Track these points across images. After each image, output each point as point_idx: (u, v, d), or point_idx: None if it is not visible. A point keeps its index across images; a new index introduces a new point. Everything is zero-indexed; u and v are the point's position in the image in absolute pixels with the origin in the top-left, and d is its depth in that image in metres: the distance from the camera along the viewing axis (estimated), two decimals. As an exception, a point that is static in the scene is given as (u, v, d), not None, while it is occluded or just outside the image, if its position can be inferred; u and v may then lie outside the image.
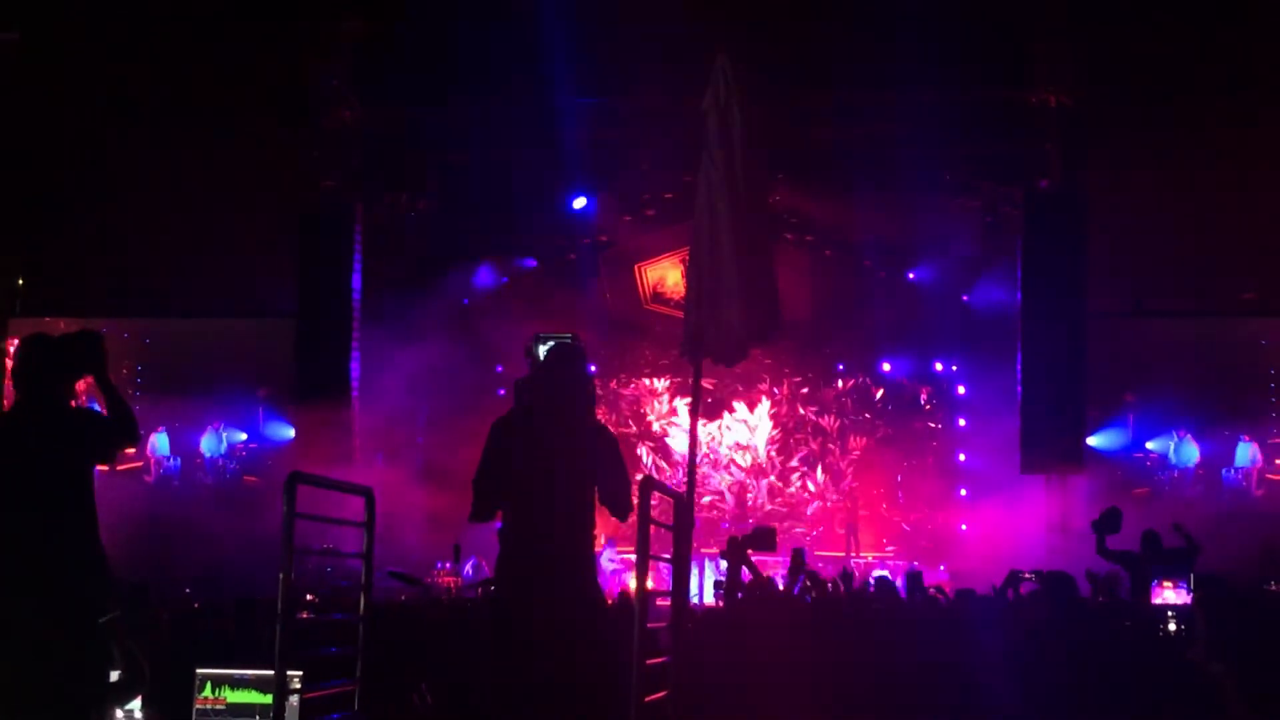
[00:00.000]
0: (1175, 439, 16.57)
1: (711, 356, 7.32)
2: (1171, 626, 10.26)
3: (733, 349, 7.31)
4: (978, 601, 10.91)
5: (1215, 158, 16.00)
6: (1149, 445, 16.66)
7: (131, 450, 5.97)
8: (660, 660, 6.10)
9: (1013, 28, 15.75)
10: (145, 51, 16.45)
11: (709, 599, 13.14)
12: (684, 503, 6.75)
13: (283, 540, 5.73)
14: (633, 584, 13.92)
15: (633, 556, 15.77)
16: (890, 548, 17.80)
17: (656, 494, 6.15)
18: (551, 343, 6.63)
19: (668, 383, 18.54)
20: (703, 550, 15.28)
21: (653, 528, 5.96)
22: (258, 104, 16.50)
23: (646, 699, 5.75)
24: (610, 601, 8.70)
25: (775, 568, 13.86)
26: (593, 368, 12.35)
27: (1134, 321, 16.98)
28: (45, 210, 17.64)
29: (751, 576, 10.03)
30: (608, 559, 15.57)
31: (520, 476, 6.38)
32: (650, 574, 6.09)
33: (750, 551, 10.01)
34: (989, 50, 15.65)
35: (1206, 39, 15.44)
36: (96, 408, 6.43)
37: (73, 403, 6.17)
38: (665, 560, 6.71)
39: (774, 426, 18.50)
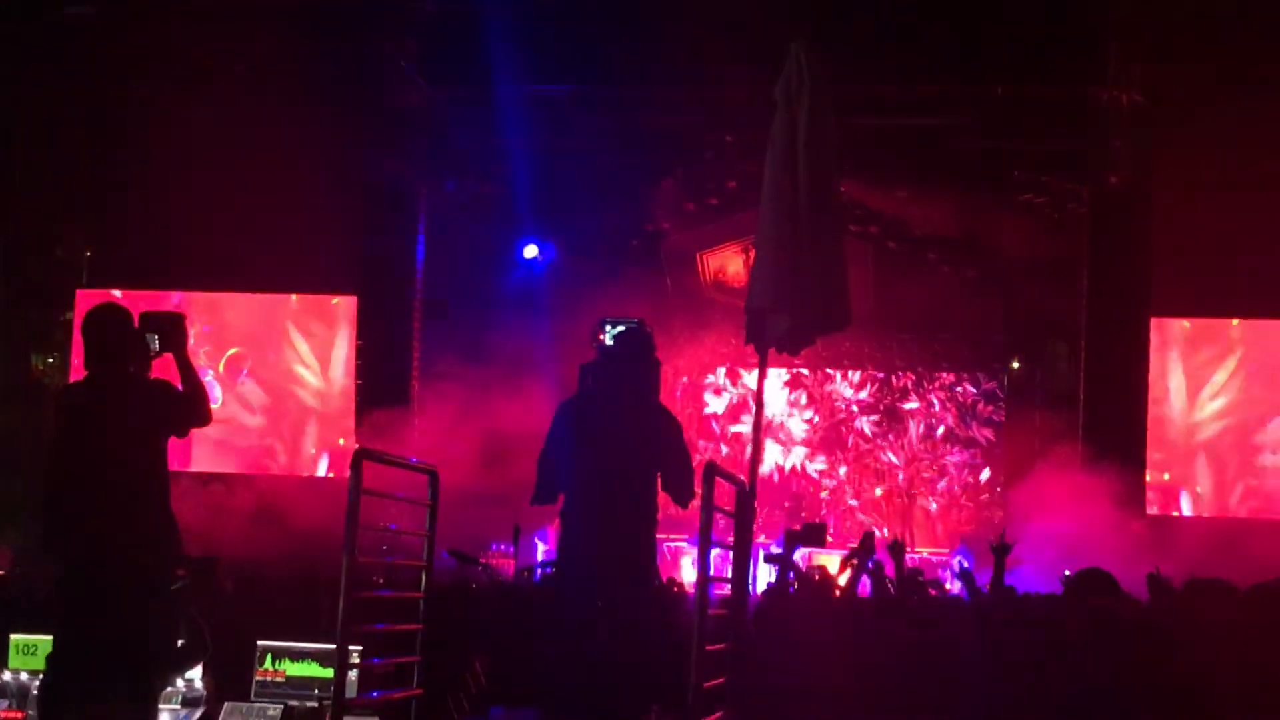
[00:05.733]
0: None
1: (775, 345, 7.33)
2: None
3: (795, 338, 7.31)
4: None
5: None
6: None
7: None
8: (719, 647, 6.11)
9: (1084, 24, 15.60)
10: (215, 30, 16.56)
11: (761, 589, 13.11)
12: (745, 491, 6.75)
13: (347, 517, 5.79)
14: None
15: (678, 543, 15.87)
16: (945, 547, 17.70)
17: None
18: (620, 327, 6.68)
19: (727, 370, 18.53)
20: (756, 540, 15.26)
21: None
22: (325, 83, 16.57)
23: (706, 685, 5.76)
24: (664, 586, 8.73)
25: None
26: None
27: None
28: (113, 182, 17.80)
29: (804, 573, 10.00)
30: None
31: (583, 459, 6.43)
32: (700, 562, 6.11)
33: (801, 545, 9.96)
34: (1060, 44, 15.51)
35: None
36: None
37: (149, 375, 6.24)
38: (725, 547, 6.71)
39: (831, 416, 18.46)
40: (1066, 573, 11.69)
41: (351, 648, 6.65)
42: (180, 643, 6.43)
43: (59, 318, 17.98)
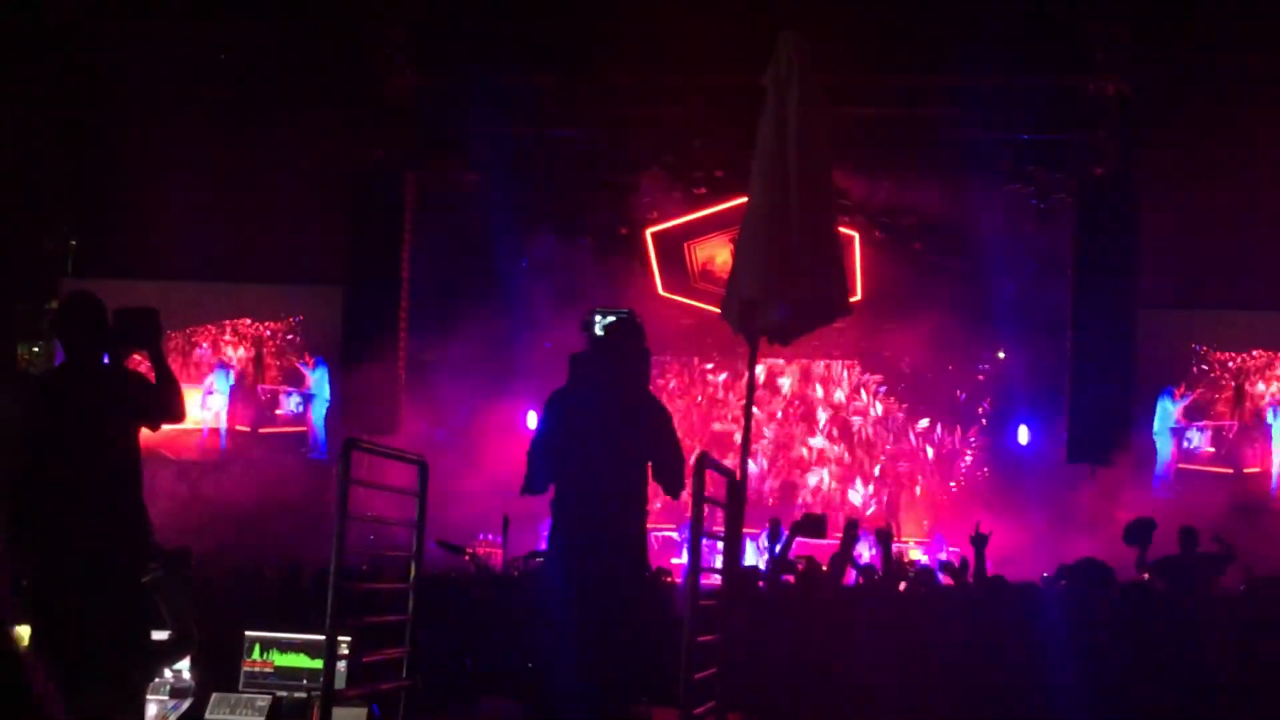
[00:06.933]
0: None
1: (766, 335, 7.30)
2: None
3: (789, 329, 7.28)
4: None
5: (1273, 151, 15.81)
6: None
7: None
8: (710, 638, 6.10)
9: (1072, 13, 15.62)
10: (202, 18, 16.49)
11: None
12: (736, 481, 6.74)
13: (336, 506, 5.76)
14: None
15: (667, 532, 15.86)
16: (926, 536, 17.70)
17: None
18: (610, 317, 6.66)
19: (714, 362, 18.50)
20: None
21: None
22: (313, 71, 16.51)
23: (696, 676, 5.75)
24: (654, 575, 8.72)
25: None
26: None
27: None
28: (99, 173, 17.73)
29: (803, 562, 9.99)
30: None
31: (574, 450, 6.42)
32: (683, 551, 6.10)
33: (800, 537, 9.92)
34: (1047, 35, 15.52)
35: (1271, 31, 15.23)
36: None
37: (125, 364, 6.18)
38: (714, 537, 6.70)
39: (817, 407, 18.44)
40: (1045, 575, 11.77)
41: (340, 638, 6.62)
42: (167, 634, 6.39)
43: (44, 308, 17.92)
